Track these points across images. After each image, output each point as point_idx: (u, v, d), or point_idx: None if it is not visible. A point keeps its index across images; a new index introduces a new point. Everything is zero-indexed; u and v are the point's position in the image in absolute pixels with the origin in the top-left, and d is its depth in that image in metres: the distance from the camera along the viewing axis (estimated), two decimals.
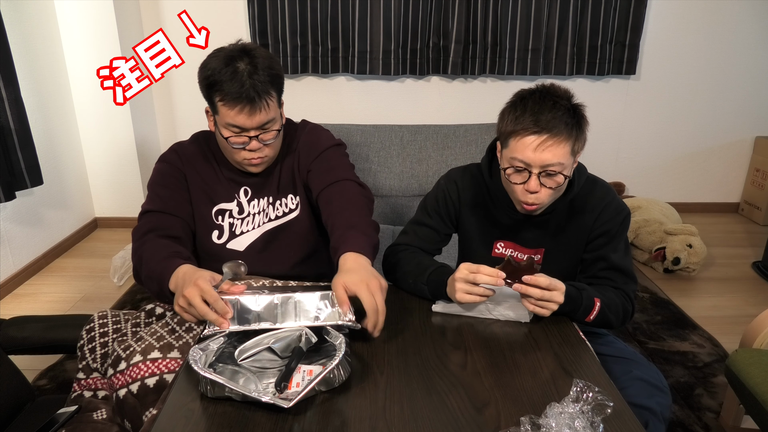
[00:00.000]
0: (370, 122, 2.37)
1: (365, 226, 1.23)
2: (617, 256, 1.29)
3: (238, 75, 1.24)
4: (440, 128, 2.32)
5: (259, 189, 1.44)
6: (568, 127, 1.15)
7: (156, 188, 1.40)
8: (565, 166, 1.17)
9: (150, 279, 1.20)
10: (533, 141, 1.15)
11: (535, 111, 1.15)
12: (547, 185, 1.19)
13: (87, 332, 1.31)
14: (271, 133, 1.32)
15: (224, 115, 1.27)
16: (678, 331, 2.33)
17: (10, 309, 2.52)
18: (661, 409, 1.17)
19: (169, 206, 1.36)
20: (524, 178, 1.19)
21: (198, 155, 1.44)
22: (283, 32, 3.27)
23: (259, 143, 1.31)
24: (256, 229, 1.43)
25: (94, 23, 3.02)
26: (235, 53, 1.27)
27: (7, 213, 2.66)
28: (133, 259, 1.29)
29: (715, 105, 3.58)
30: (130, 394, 1.12)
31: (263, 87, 1.25)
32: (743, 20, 3.39)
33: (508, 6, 3.23)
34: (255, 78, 1.24)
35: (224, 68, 1.24)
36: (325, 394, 0.94)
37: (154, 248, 1.25)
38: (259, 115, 1.27)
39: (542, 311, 1.13)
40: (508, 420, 0.88)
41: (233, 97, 1.24)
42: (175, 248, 1.25)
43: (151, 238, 1.28)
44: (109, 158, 3.30)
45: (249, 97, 1.24)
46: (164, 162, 1.43)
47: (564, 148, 1.16)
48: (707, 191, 3.79)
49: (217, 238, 1.41)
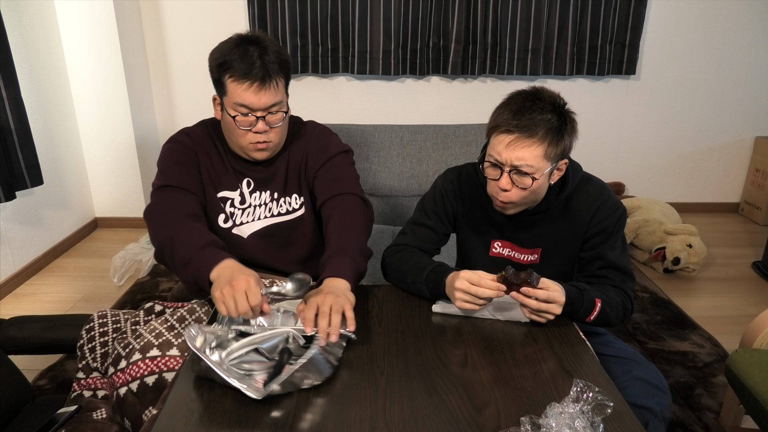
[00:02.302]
0: (370, 122, 2.37)
1: (356, 252, 1.23)
2: (614, 254, 1.29)
3: (249, 54, 1.27)
4: (440, 128, 2.32)
5: (263, 182, 1.44)
6: (544, 130, 1.15)
7: (169, 165, 1.38)
8: (537, 169, 1.17)
9: (186, 266, 1.16)
10: (506, 138, 1.17)
11: (515, 110, 1.16)
12: (518, 185, 1.19)
13: (87, 332, 1.31)
14: (278, 115, 1.33)
15: (233, 93, 1.28)
16: (678, 331, 2.33)
17: (10, 309, 2.52)
18: (661, 409, 1.17)
19: (185, 182, 1.35)
20: (497, 174, 1.21)
21: (207, 139, 1.44)
22: (283, 32, 3.27)
23: (265, 125, 1.32)
24: (256, 221, 1.44)
25: (94, 23, 3.02)
26: (246, 38, 1.30)
27: (7, 213, 2.66)
28: (159, 238, 1.24)
29: (715, 105, 3.58)
30: (130, 392, 1.12)
31: (273, 67, 1.28)
32: (743, 20, 3.39)
33: (508, 6, 3.23)
34: (265, 59, 1.27)
35: (235, 48, 1.28)
36: (326, 394, 0.94)
37: (188, 232, 1.22)
38: (267, 95, 1.28)
39: (539, 319, 1.15)
40: (508, 420, 0.88)
41: (243, 73, 1.26)
42: (209, 235, 1.22)
43: (180, 219, 1.26)
44: (109, 158, 3.30)
45: (259, 75, 1.26)
46: (175, 142, 1.43)
47: (535, 151, 1.16)
48: (707, 191, 3.79)
49: (224, 222, 1.43)
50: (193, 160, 1.41)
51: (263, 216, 1.44)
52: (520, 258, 1.36)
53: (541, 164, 1.17)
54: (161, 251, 1.23)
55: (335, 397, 0.94)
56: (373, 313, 1.22)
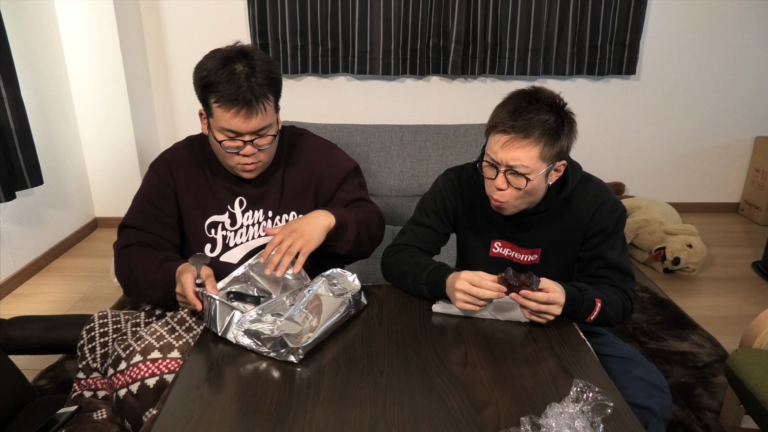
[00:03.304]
0: (370, 122, 2.37)
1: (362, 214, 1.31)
2: (614, 254, 1.29)
3: (235, 77, 1.20)
4: (440, 128, 2.32)
5: (256, 201, 1.40)
6: (540, 131, 1.15)
7: (140, 201, 1.39)
8: (532, 169, 1.17)
9: (152, 288, 1.23)
10: (502, 138, 1.17)
11: (512, 110, 1.16)
12: (513, 185, 1.20)
13: (87, 332, 1.31)
14: (267, 138, 1.28)
15: (219, 118, 1.23)
16: (678, 331, 2.33)
17: (10, 309, 2.52)
18: (661, 409, 1.17)
19: (149, 224, 1.36)
20: (494, 174, 1.21)
21: (190, 163, 1.40)
22: (283, 32, 3.27)
23: (253, 148, 1.27)
24: (249, 241, 1.40)
25: (94, 23, 3.02)
26: (232, 54, 1.23)
27: (7, 213, 2.66)
28: (122, 274, 1.31)
29: (715, 105, 3.58)
30: (130, 394, 1.12)
31: (261, 90, 1.21)
32: (743, 20, 3.39)
33: (508, 6, 3.23)
34: (252, 80, 1.20)
35: (221, 69, 1.20)
36: (326, 394, 0.94)
37: (144, 259, 1.28)
38: (255, 120, 1.23)
39: (539, 320, 1.15)
40: (508, 420, 0.88)
41: (229, 99, 1.19)
42: (164, 254, 1.28)
43: (135, 252, 1.31)
44: (109, 158, 3.30)
45: (246, 100, 1.20)
46: (153, 172, 1.41)
47: (531, 152, 1.16)
48: (707, 191, 3.79)
49: (210, 251, 1.38)
50: (167, 196, 1.37)
51: (256, 235, 1.40)
52: (520, 258, 1.36)
53: (537, 165, 1.17)
54: (128, 286, 1.31)
55: (335, 397, 0.94)
56: (373, 313, 1.22)
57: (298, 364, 1.02)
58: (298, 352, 1.03)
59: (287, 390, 0.95)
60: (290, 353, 1.03)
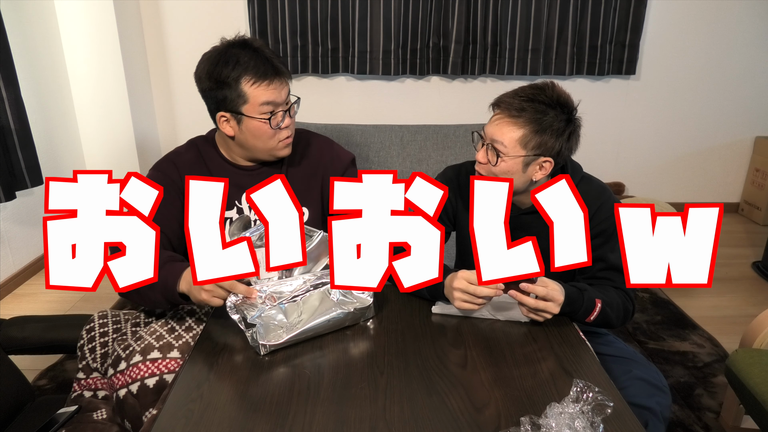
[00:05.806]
0: (370, 122, 2.36)
1: None
2: (615, 255, 1.28)
3: (258, 53, 1.26)
4: (440, 128, 2.32)
5: None
6: (529, 116, 1.18)
7: None
8: (508, 150, 1.21)
9: (151, 288, 1.19)
10: (495, 115, 1.25)
11: (517, 92, 1.22)
12: (490, 162, 1.24)
13: (87, 332, 1.31)
14: (293, 108, 1.36)
15: (258, 95, 1.27)
16: (678, 331, 2.33)
17: (10, 309, 2.52)
18: (661, 409, 1.17)
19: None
20: (480, 146, 1.28)
21: (195, 164, 1.41)
22: (283, 32, 3.27)
23: (290, 119, 1.34)
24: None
25: (94, 23, 3.02)
26: (235, 43, 1.29)
27: (7, 213, 2.66)
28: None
29: (715, 105, 3.58)
30: (130, 394, 1.12)
31: (276, 60, 1.29)
32: (743, 20, 3.39)
33: (508, 6, 3.23)
34: (266, 53, 1.28)
35: (241, 52, 1.26)
36: (326, 394, 0.94)
37: None
38: (285, 88, 1.31)
39: (537, 318, 1.15)
40: (508, 420, 0.88)
41: (262, 73, 1.25)
42: (166, 254, 1.24)
43: None
44: (109, 158, 3.30)
45: (276, 69, 1.27)
46: (157, 171, 1.39)
47: (512, 132, 1.20)
48: (707, 191, 3.79)
49: None
50: (173, 192, 1.36)
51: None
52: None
53: (514, 148, 1.20)
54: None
55: (335, 397, 0.94)
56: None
57: (299, 364, 1.03)
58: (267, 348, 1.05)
59: (287, 390, 0.95)
60: (259, 347, 1.05)
